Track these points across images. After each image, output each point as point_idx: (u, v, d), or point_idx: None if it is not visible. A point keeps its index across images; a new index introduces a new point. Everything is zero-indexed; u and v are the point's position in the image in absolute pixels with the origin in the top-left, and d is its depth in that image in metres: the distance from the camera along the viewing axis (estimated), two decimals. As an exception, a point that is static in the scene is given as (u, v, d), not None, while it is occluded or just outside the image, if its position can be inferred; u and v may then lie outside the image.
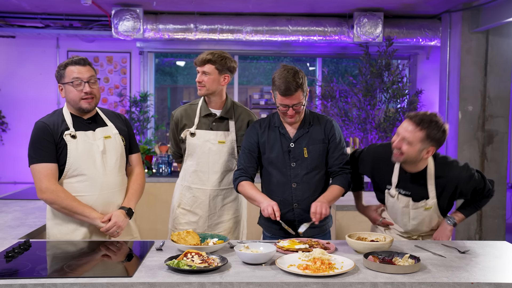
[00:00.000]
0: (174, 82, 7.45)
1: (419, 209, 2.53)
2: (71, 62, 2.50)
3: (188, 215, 2.93)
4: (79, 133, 2.48)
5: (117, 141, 2.58)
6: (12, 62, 6.62)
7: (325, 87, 6.40)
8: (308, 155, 2.57)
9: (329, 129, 2.62)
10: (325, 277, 1.86)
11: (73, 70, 2.48)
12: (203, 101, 2.92)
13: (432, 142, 2.36)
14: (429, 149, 2.37)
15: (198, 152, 2.87)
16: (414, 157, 2.39)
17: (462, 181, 2.47)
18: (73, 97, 2.47)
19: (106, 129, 2.57)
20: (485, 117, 5.41)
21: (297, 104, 2.48)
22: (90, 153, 2.47)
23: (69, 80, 2.46)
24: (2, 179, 6.67)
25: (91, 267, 2.04)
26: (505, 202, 5.48)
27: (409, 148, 2.36)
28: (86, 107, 2.49)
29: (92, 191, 2.48)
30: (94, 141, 2.50)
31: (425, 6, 5.57)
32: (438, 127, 2.35)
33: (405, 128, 2.37)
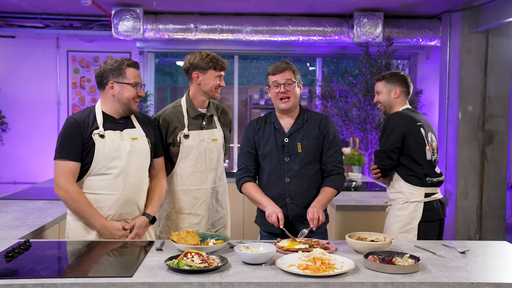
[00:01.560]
0: (174, 82, 7.45)
1: None
2: (131, 63, 2.57)
3: (189, 218, 2.90)
4: (107, 133, 2.51)
5: (143, 143, 2.60)
6: (12, 62, 6.62)
7: (325, 87, 6.40)
8: (302, 150, 2.59)
9: (324, 126, 2.64)
10: (325, 277, 1.86)
11: (135, 73, 2.56)
12: (188, 102, 2.89)
13: (394, 84, 3.02)
14: (395, 89, 3.02)
15: (195, 153, 2.86)
16: (387, 100, 3.05)
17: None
18: (129, 96, 2.53)
19: (134, 131, 2.60)
20: (485, 117, 5.41)
21: (289, 81, 2.55)
22: (117, 152, 2.50)
23: (130, 82, 2.52)
24: (2, 179, 6.67)
25: (91, 267, 2.04)
26: (505, 202, 5.48)
27: (381, 97, 3.06)
28: (135, 109, 2.59)
29: (114, 191, 2.50)
30: (121, 141, 2.53)
31: (425, 6, 5.57)
32: (394, 73, 3.05)
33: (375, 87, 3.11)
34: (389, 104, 3.05)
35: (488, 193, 5.42)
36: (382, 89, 3.06)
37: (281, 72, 2.57)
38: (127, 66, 2.54)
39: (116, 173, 2.49)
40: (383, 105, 3.07)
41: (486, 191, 5.42)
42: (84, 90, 6.65)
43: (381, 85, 3.06)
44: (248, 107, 7.08)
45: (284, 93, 2.55)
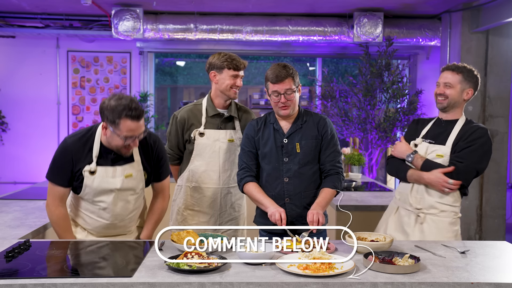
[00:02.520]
0: (174, 82, 7.45)
1: (432, 155, 2.67)
2: (130, 115, 2.28)
3: (198, 215, 2.96)
4: (99, 169, 2.43)
5: (137, 178, 2.53)
6: (12, 62, 6.62)
7: (325, 87, 6.40)
8: (301, 150, 2.60)
9: (322, 126, 2.65)
10: (325, 277, 1.86)
11: (129, 126, 2.30)
12: (209, 101, 2.95)
13: (469, 84, 2.68)
14: (468, 90, 2.68)
15: (208, 151, 2.90)
16: (457, 98, 2.68)
17: (479, 130, 2.64)
18: (117, 144, 2.38)
19: (130, 166, 2.50)
20: (485, 117, 5.41)
21: (288, 91, 2.54)
22: (105, 190, 2.47)
23: (121, 134, 2.32)
24: (2, 179, 6.67)
25: (91, 267, 2.04)
26: (505, 202, 5.48)
27: (452, 91, 2.66)
28: (126, 154, 2.44)
29: (100, 218, 2.52)
30: (112, 178, 2.46)
31: (425, 6, 5.57)
32: (471, 70, 2.69)
33: (444, 77, 2.70)
34: (455, 103, 2.69)
35: (488, 193, 5.42)
36: (457, 84, 2.66)
37: (281, 82, 2.53)
38: (125, 117, 2.28)
39: (102, 206, 2.49)
40: (447, 101, 2.68)
41: (486, 191, 5.42)
42: (84, 90, 6.65)
43: (457, 78, 2.67)
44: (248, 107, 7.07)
45: (284, 103, 2.56)
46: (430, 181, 2.61)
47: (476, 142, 2.60)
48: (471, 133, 2.63)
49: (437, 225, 2.64)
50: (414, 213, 2.68)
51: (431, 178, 2.61)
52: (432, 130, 2.77)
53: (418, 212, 2.67)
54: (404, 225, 2.71)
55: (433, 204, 2.65)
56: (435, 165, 2.63)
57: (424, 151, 2.71)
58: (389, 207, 2.91)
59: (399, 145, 2.79)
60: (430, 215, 2.65)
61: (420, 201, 2.68)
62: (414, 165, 2.69)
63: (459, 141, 2.63)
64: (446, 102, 2.68)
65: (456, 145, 2.63)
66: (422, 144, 2.74)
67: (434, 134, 2.74)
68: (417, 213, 2.67)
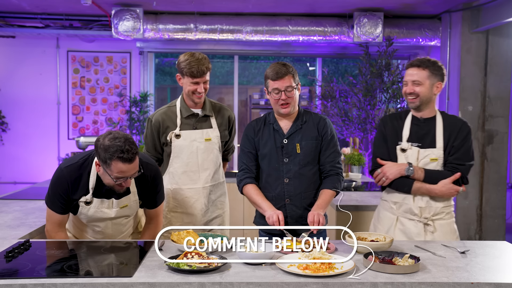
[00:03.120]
0: (174, 82, 7.44)
1: (425, 160, 2.59)
2: (122, 157, 2.22)
3: (182, 216, 2.93)
4: (95, 200, 2.43)
5: (132, 207, 2.53)
6: (12, 62, 6.62)
7: (325, 87, 6.40)
8: (301, 151, 2.59)
9: (322, 127, 2.65)
10: (325, 277, 1.86)
11: (121, 168, 2.24)
12: (182, 102, 2.91)
13: (437, 77, 2.59)
14: (437, 84, 2.60)
15: (186, 152, 2.87)
16: (427, 95, 2.59)
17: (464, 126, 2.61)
18: (109, 183, 2.34)
19: (126, 198, 2.48)
20: (485, 117, 5.41)
21: (289, 88, 2.53)
22: (100, 219, 2.49)
23: (111, 174, 2.27)
24: (2, 179, 6.67)
25: (91, 267, 2.04)
26: (505, 202, 5.48)
27: (421, 88, 2.58)
28: (118, 191, 2.39)
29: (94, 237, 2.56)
30: (108, 209, 2.47)
31: (425, 6, 5.57)
32: (436, 64, 2.60)
33: (411, 74, 2.61)
34: (427, 100, 2.60)
35: (488, 193, 5.42)
36: (425, 80, 2.57)
37: (281, 79, 2.53)
38: (116, 159, 2.22)
39: (98, 230, 2.53)
40: (419, 99, 2.59)
41: (486, 191, 5.42)
42: (84, 90, 6.65)
43: (424, 74, 2.57)
44: (248, 107, 7.08)
45: (284, 100, 2.55)
46: (442, 194, 2.57)
47: (466, 138, 2.60)
48: (458, 130, 2.60)
49: (444, 228, 2.63)
50: (421, 222, 2.61)
51: (443, 191, 2.56)
52: (414, 132, 2.64)
53: (426, 221, 2.60)
54: (414, 236, 2.62)
55: (440, 210, 2.62)
56: (436, 173, 2.58)
57: (415, 156, 2.61)
58: (385, 217, 2.74)
59: (388, 168, 2.62)
60: (439, 220, 2.62)
61: (426, 209, 2.61)
62: (416, 178, 2.58)
63: (449, 141, 2.59)
64: (418, 101, 2.59)
65: (448, 145, 2.59)
66: (411, 150, 2.62)
67: (418, 136, 2.63)
68: (425, 222, 2.60)
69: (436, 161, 2.59)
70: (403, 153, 2.63)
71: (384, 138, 2.71)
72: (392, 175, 2.61)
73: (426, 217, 2.60)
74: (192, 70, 2.74)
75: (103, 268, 2.04)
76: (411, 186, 2.59)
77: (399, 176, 2.60)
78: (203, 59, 2.77)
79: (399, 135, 2.66)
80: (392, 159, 2.67)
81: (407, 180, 2.60)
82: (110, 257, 2.18)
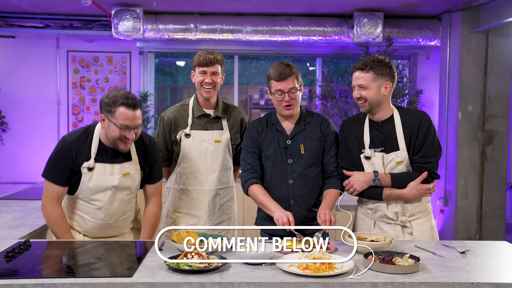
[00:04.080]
0: (174, 82, 7.45)
1: (391, 164, 2.53)
2: (126, 103, 2.34)
3: (186, 218, 2.91)
4: (97, 165, 2.45)
5: (134, 177, 2.54)
6: (12, 62, 6.61)
7: (325, 87, 6.40)
8: (305, 152, 2.58)
9: (325, 127, 2.64)
10: (325, 277, 1.86)
11: (124, 114, 2.34)
12: (195, 102, 2.90)
13: (384, 77, 2.50)
14: (386, 84, 2.50)
15: (195, 153, 2.85)
16: (376, 97, 2.50)
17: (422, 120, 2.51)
18: (114, 136, 2.40)
19: (128, 164, 2.51)
20: (485, 117, 5.41)
21: (293, 90, 2.53)
22: (102, 187, 2.47)
23: (116, 123, 2.35)
24: (2, 179, 6.67)
25: (91, 267, 2.04)
26: (505, 202, 5.48)
27: (367, 92, 2.49)
28: (122, 149, 2.44)
29: (97, 219, 2.52)
30: (110, 175, 2.47)
31: (425, 6, 5.57)
32: (382, 62, 2.49)
33: (356, 78, 2.52)
34: (377, 103, 2.52)
35: (488, 193, 5.42)
36: (370, 83, 2.48)
37: (285, 80, 2.51)
38: (120, 105, 2.34)
39: (98, 206, 2.50)
40: (368, 104, 2.51)
41: (486, 191, 5.42)
42: (84, 90, 6.65)
43: (369, 77, 2.48)
44: (248, 107, 7.08)
45: (288, 102, 2.54)
46: (413, 196, 2.51)
47: (428, 133, 2.50)
48: (418, 126, 2.50)
49: (422, 227, 2.59)
50: (398, 225, 2.58)
51: (413, 193, 2.49)
52: (374, 136, 2.57)
53: (403, 224, 2.57)
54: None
55: (413, 210, 2.57)
56: (403, 176, 2.52)
57: (380, 162, 2.54)
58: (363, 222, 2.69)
59: (355, 180, 2.55)
60: (415, 220, 2.58)
61: (401, 213, 2.57)
62: (384, 185, 2.52)
63: (411, 140, 2.51)
64: (367, 105, 2.51)
65: (410, 144, 2.52)
66: (375, 157, 2.55)
67: (379, 140, 2.56)
68: (402, 224, 2.57)
69: (402, 163, 2.52)
70: (368, 160, 2.55)
71: (346, 147, 2.63)
72: (359, 187, 2.54)
73: (402, 220, 2.56)
74: (200, 58, 2.79)
75: (103, 268, 2.04)
76: (381, 194, 2.52)
77: (367, 186, 2.53)
78: (215, 53, 2.82)
79: (361, 142, 2.59)
80: (358, 167, 2.60)
81: (376, 189, 2.53)
82: (110, 257, 2.18)
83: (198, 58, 2.81)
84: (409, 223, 2.57)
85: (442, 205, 5.67)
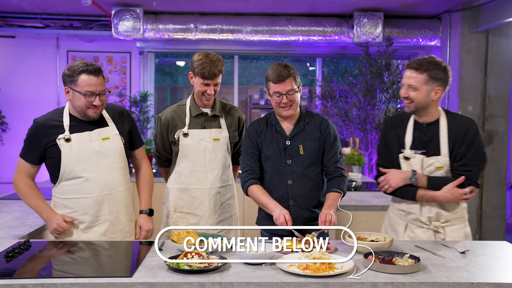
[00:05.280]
0: (174, 82, 7.45)
1: (430, 168, 2.47)
2: (86, 70, 2.39)
3: (187, 217, 2.90)
4: (74, 136, 2.46)
5: (115, 142, 2.55)
6: (12, 62, 6.62)
7: (325, 87, 6.40)
8: (304, 152, 2.59)
9: (324, 128, 2.64)
10: (325, 277, 1.86)
11: (87, 81, 2.39)
12: (192, 101, 2.90)
13: (437, 82, 2.42)
14: (436, 89, 2.43)
15: (193, 152, 2.85)
16: (424, 101, 2.43)
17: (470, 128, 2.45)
18: (81, 105, 2.43)
19: (106, 129, 2.55)
20: (485, 117, 5.41)
21: (290, 92, 2.52)
22: (84, 155, 2.47)
23: (80, 90, 2.40)
24: (2, 179, 6.67)
25: (91, 267, 2.04)
26: (505, 202, 5.48)
27: (416, 94, 2.42)
28: (92, 116, 2.47)
29: (89, 193, 2.48)
30: (90, 142, 2.48)
31: (425, 6, 5.57)
32: (438, 65, 2.42)
33: (407, 76, 2.44)
34: (423, 106, 2.44)
35: (488, 193, 5.42)
36: (421, 86, 2.40)
37: (283, 82, 2.50)
38: (80, 72, 2.38)
39: (86, 176, 2.47)
40: (414, 105, 2.44)
41: (486, 191, 5.42)
42: (84, 90, 6.65)
43: (421, 78, 2.39)
44: (248, 107, 7.08)
45: (286, 104, 2.54)
46: (446, 200, 2.44)
47: (473, 142, 2.44)
48: (464, 133, 2.45)
49: (456, 234, 2.53)
50: (431, 230, 2.52)
51: (447, 196, 2.42)
52: (417, 138, 2.52)
53: (436, 229, 2.51)
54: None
55: (449, 216, 2.52)
56: (441, 180, 2.46)
57: (419, 165, 2.49)
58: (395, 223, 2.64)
59: (392, 176, 2.52)
60: (449, 226, 2.52)
61: (435, 218, 2.51)
62: (420, 185, 2.47)
63: (455, 147, 2.45)
64: (413, 106, 2.45)
65: (453, 151, 2.45)
66: (415, 158, 2.50)
67: (421, 142, 2.51)
68: (435, 229, 2.51)
69: (442, 168, 2.46)
70: (406, 161, 2.51)
71: (386, 145, 2.61)
72: (395, 184, 2.50)
73: (436, 226, 2.51)
74: (204, 71, 2.70)
75: (103, 268, 2.04)
76: (415, 194, 2.47)
77: (403, 184, 2.49)
78: (217, 61, 2.72)
79: (402, 141, 2.54)
80: (395, 166, 2.56)
81: (411, 188, 2.49)
82: (110, 257, 2.18)
83: (201, 70, 2.71)
84: (442, 229, 2.51)
85: (442, 205, 5.67)
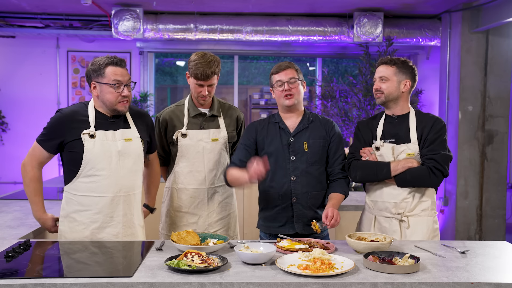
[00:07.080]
0: (174, 82, 7.45)
1: (402, 155, 2.55)
2: (112, 62, 2.45)
3: (186, 216, 2.91)
4: (98, 133, 2.46)
5: (137, 144, 2.55)
6: (12, 62, 6.62)
7: (325, 87, 6.40)
8: (308, 149, 2.60)
9: (330, 128, 2.67)
10: (325, 277, 1.86)
11: (115, 71, 2.44)
12: (190, 102, 2.90)
13: (405, 75, 2.61)
14: (405, 81, 2.61)
15: (192, 152, 2.86)
16: (394, 91, 2.60)
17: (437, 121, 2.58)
18: (111, 98, 2.45)
19: (129, 131, 2.55)
20: (485, 117, 5.41)
21: (292, 79, 2.58)
22: (106, 153, 2.46)
23: (109, 81, 2.43)
24: (2, 179, 6.67)
25: (91, 267, 2.04)
26: (505, 202, 5.48)
27: (387, 84, 2.60)
28: (122, 110, 2.49)
29: (105, 192, 2.46)
30: (113, 141, 2.49)
31: (425, 6, 5.57)
32: (407, 63, 2.63)
33: (379, 71, 2.64)
34: (393, 96, 2.60)
35: (488, 193, 5.42)
36: (391, 76, 2.59)
37: (284, 70, 2.59)
38: (107, 64, 2.44)
39: (105, 175, 2.45)
40: (384, 95, 2.60)
41: (486, 191, 5.42)
42: (84, 90, 6.65)
43: (391, 71, 2.60)
44: (248, 107, 7.08)
45: (288, 91, 2.56)
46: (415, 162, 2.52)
47: (440, 132, 2.56)
48: (432, 123, 2.56)
49: (420, 226, 2.55)
50: (396, 219, 2.56)
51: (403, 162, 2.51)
52: (387, 129, 2.62)
53: (400, 217, 2.54)
54: (390, 234, 2.56)
55: (414, 205, 2.55)
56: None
57: (390, 153, 2.57)
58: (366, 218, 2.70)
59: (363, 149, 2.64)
60: (413, 217, 2.55)
61: (400, 205, 2.55)
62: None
63: (423, 135, 2.56)
64: (383, 96, 2.60)
65: (421, 137, 2.55)
66: (385, 146, 2.59)
67: (391, 133, 2.61)
68: (400, 218, 2.54)
69: (413, 156, 2.54)
70: (377, 151, 2.60)
71: (359, 140, 2.69)
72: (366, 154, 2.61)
73: (399, 213, 2.54)
74: (197, 72, 2.71)
75: (103, 268, 2.04)
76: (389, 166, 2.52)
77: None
78: (212, 62, 2.72)
79: (374, 134, 2.65)
80: None
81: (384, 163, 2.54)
82: (110, 257, 2.18)
83: (195, 70, 2.72)
84: (406, 218, 2.54)
85: (442, 205, 5.67)
